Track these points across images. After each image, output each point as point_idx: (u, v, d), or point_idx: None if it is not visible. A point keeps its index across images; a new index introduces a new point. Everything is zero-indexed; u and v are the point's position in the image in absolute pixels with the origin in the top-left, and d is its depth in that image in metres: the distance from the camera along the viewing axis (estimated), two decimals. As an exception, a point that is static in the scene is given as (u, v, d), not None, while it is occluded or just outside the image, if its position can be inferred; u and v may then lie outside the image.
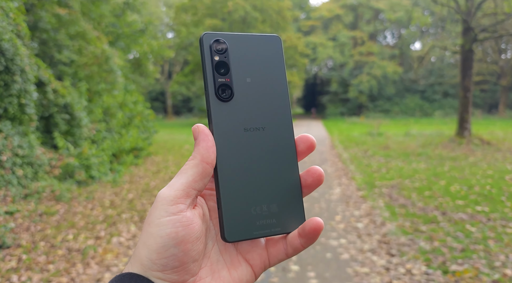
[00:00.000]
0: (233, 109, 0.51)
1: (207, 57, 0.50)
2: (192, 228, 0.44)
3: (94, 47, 9.53)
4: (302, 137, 0.53)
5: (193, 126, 0.49)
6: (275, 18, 30.93)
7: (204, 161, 0.46)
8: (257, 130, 0.51)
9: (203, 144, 0.47)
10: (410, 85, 42.41)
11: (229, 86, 0.51)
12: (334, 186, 7.27)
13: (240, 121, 0.51)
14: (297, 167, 0.53)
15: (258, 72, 0.53)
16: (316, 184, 0.53)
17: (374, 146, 13.41)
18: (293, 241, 0.50)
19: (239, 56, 0.52)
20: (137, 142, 9.84)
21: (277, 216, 0.51)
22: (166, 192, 0.45)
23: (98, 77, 9.66)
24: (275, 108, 0.53)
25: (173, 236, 0.43)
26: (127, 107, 9.83)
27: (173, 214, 0.44)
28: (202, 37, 0.51)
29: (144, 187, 7.33)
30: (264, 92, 0.53)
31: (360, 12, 43.22)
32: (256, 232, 0.49)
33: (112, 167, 8.46)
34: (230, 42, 0.52)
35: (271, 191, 0.51)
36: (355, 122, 30.51)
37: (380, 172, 8.55)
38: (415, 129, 18.89)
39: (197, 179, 0.46)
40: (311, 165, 9.14)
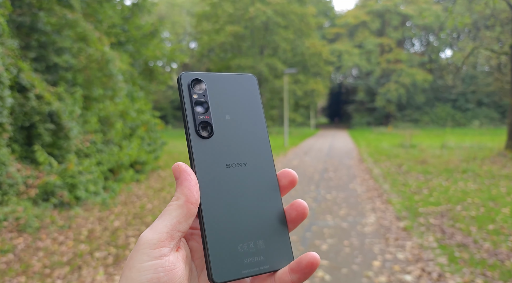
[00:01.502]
0: (214, 146, 0.50)
1: (185, 95, 0.51)
2: (175, 273, 0.42)
3: (94, 49, 8.54)
4: (284, 172, 0.52)
5: (173, 165, 0.47)
6: (298, 24, 29.73)
7: (189, 202, 0.45)
8: (239, 166, 0.51)
9: (185, 184, 0.46)
10: (441, 94, 40.27)
11: (209, 123, 0.51)
12: (367, 213, 5.89)
13: (222, 158, 0.50)
14: (280, 202, 0.52)
15: (237, 110, 0.54)
16: (301, 218, 0.51)
17: (409, 160, 11.87)
18: (283, 277, 0.47)
19: (217, 94, 0.53)
20: (139, 155, 8.73)
21: (264, 253, 0.49)
22: (149, 235, 0.43)
23: (98, 82, 8.65)
24: (255, 144, 0.53)
25: (154, 282, 0.41)
26: (129, 116, 8.77)
27: (155, 259, 0.42)
28: (180, 77, 0.52)
29: (138, 211, 6.16)
30: (244, 128, 0.53)
31: (387, 19, 41.54)
32: (245, 271, 0.47)
33: (107, 185, 7.35)
34: (207, 81, 0.53)
35: (257, 227, 0.49)
36: (383, 132, 28.77)
37: (422, 194, 7.10)
38: (452, 140, 17.15)
39: (182, 221, 0.44)
40: (338, 182, 7.74)
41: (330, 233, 4.92)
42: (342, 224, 5.33)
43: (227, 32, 28.85)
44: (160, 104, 43.37)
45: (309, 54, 30.80)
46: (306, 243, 4.59)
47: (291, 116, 29.84)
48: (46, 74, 8.38)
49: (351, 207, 6.27)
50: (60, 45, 8.44)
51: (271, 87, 28.09)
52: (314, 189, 7.87)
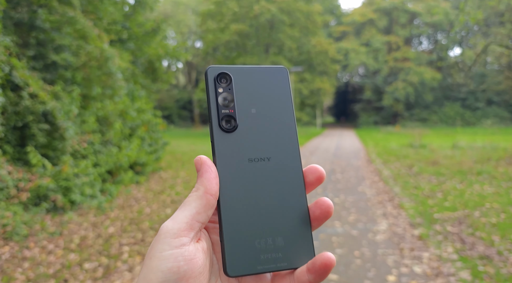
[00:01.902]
0: (237, 140, 0.50)
1: (211, 89, 0.51)
2: (195, 262, 0.43)
3: (93, 46, 8.24)
4: (311, 168, 0.51)
5: (196, 157, 0.48)
6: (304, 22, 29.31)
7: (208, 193, 0.46)
8: (262, 161, 0.50)
9: (206, 176, 0.46)
10: (450, 92, 39.63)
11: (233, 117, 0.51)
12: (379, 219, 5.51)
13: (244, 152, 0.50)
14: (305, 198, 0.51)
15: (264, 103, 0.53)
16: (325, 217, 0.49)
17: (419, 161, 11.45)
18: (301, 277, 0.47)
19: (244, 87, 0.53)
20: (138, 156, 8.41)
21: (283, 250, 0.48)
22: (169, 225, 0.44)
23: (97, 81, 8.35)
24: (281, 139, 0.52)
25: (174, 271, 0.41)
26: (128, 115, 8.45)
27: (175, 248, 0.42)
28: (207, 71, 0.52)
29: (134, 216, 5.83)
30: (270, 122, 0.52)
31: (395, 16, 40.96)
32: (260, 267, 0.47)
33: (104, 188, 7.04)
34: (235, 74, 0.53)
35: (276, 223, 0.49)
36: (390, 132, 28.27)
37: (435, 198, 6.70)
38: (463, 140, 16.67)
39: (201, 211, 0.45)
40: (346, 184, 7.37)
41: (339, 242, 4.55)
42: (352, 231, 4.96)
43: (232, 31, 28.52)
44: (165, 103, 43.16)
45: (315, 52, 30.38)
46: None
47: (297, 115, 29.46)
48: (44, 73, 8.10)
49: (361, 212, 5.90)
50: (59, 43, 8.16)
51: (276, 86, 27.73)
52: (321, 192, 7.51)
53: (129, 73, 9.32)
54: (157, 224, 5.35)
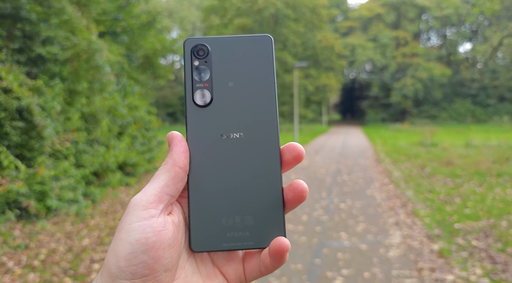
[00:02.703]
0: (210, 115, 0.49)
1: (187, 62, 0.49)
2: (163, 234, 0.42)
3: (80, 38, 7.63)
4: (289, 146, 0.49)
5: (168, 133, 0.47)
6: (309, 16, 28.53)
7: (176, 165, 0.45)
8: (235, 137, 0.49)
9: (175, 149, 0.46)
10: (460, 89, 38.64)
11: (207, 90, 0.49)
12: (391, 229, 4.84)
13: (217, 127, 0.48)
14: (280, 178, 0.48)
15: (243, 76, 0.50)
16: (298, 201, 0.47)
17: (432, 161, 10.73)
18: (264, 259, 0.46)
19: (222, 59, 0.50)
20: (128, 156, 7.79)
21: (251, 229, 0.47)
22: (138, 198, 0.43)
23: (85, 75, 7.74)
24: (258, 114, 0.49)
25: (142, 242, 0.40)
26: (117, 112, 7.83)
27: (144, 220, 0.41)
28: (184, 43, 0.50)
29: (116, 224, 5.21)
30: (247, 96, 0.49)
31: (403, 11, 39.99)
32: (226, 244, 0.47)
33: (88, 191, 6.44)
34: (213, 46, 0.50)
35: (246, 202, 0.48)
36: (399, 129, 27.46)
37: (453, 203, 6.01)
38: (476, 138, 15.87)
39: (169, 184, 0.44)
40: (353, 187, 6.67)
41: (346, 260, 3.89)
42: (360, 245, 4.30)
43: (235, 26, 27.83)
44: (169, 100, 42.62)
45: (320, 47, 29.59)
46: (315, 274, 3.58)
47: (302, 112, 28.71)
48: (30, 67, 7.53)
49: (371, 221, 5.23)
50: (45, 35, 7.56)
51: (281, 82, 26.99)
52: (325, 196, 6.84)
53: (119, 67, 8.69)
54: (138, 235, 4.72)
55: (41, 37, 7.80)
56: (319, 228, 4.91)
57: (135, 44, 11.62)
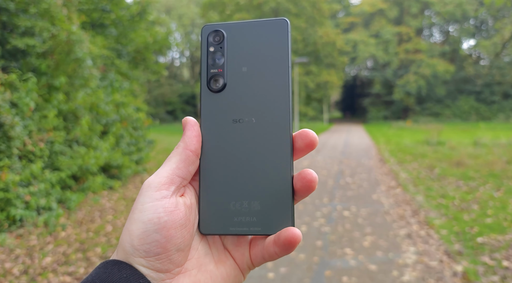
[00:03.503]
0: (223, 100, 0.49)
1: (203, 48, 0.50)
2: (175, 214, 0.43)
3: (59, 28, 6.97)
4: (301, 133, 0.48)
5: (183, 118, 0.48)
6: (310, 11, 27.81)
7: (187, 149, 0.46)
8: (247, 122, 0.48)
9: (187, 133, 0.47)
10: (464, 86, 37.90)
11: (221, 76, 0.49)
12: (404, 244, 4.18)
13: (229, 112, 0.48)
14: (290, 165, 0.47)
15: (257, 61, 0.49)
16: (307, 191, 0.46)
17: (440, 161, 10.07)
18: (268, 247, 0.46)
19: (237, 45, 0.50)
20: (113, 158, 7.14)
21: (258, 215, 0.47)
22: (151, 179, 0.44)
23: (66, 69, 7.09)
24: (271, 99, 0.49)
25: (155, 222, 0.42)
26: (100, 109, 7.18)
27: (156, 200, 0.43)
28: (202, 30, 0.50)
29: (90, 236, 4.57)
30: (261, 81, 0.49)
31: (406, 6, 39.21)
32: (233, 229, 0.47)
33: (64, 197, 5.80)
34: (229, 32, 0.50)
35: (255, 187, 0.47)
36: (402, 127, 26.77)
37: (471, 211, 5.36)
38: (484, 136, 15.18)
39: (181, 166, 0.45)
40: (357, 191, 5.87)
41: (353, 286, 3.25)
42: (369, 265, 3.65)
43: (234, 20, 27.13)
44: (168, 98, 41.99)
45: (322, 43, 28.87)
46: (316, 306, 2.93)
47: (302, 110, 28.03)
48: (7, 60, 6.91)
49: (379, 233, 4.58)
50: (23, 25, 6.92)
51: (281, 79, 26.30)
52: (327, 202, 6.19)
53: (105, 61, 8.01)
54: (110, 252, 4.08)
55: (21, 29, 7.16)
56: (320, 243, 4.26)
57: (125, 37, 10.96)
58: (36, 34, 6.98)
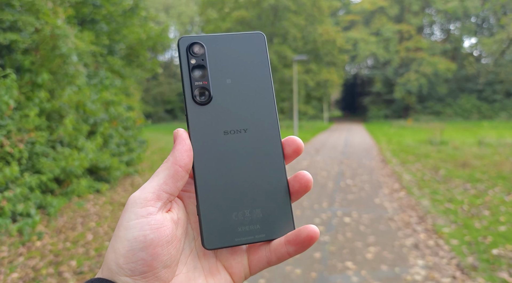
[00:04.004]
0: (211, 112, 0.49)
1: (183, 61, 0.50)
2: (162, 231, 0.42)
3: (44, 22, 6.58)
4: (288, 140, 0.50)
5: (174, 130, 0.47)
6: (309, 8, 27.38)
7: (177, 164, 0.44)
8: (238, 133, 0.49)
9: (178, 147, 0.45)
10: (465, 84, 37.49)
11: (207, 88, 0.49)
12: (411, 256, 3.79)
13: (219, 124, 0.49)
14: (284, 170, 0.49)
15: (240, 73, 0.51)
16: (304, 191, 0.49)
17: (445, 162, 9.67)
18: (278, 248, 0.46)
19: (218, 57, 0.51)
20: (100, 159, 6.75)
21: (261, 222, 0.48)
22: (136, 195, 0.43)
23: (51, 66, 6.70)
24: (258, 109, 0.50)
25: (140, 240, 0.41)
26: (87, 108, 6.79)
27: (142, 217, 0.42)
28: (178, 41, 0.50)
29: (67, 247, 4.18)
30: (246, 92, 0.50)
31: (406, 3, 38.77)
32: (238, 239, 0.47)
33: (45, 202, 5.40)
34: (208, 44, 0.51)
35: (254, 195, 0.48)
36: (403, 126, 26.38)
37: (482, 217, 4.97)
38: (488, 136, 14.78)
39: (168, 182, 0.44)
40: (358, 194, 5.54)
41: (355, 308, 2.85)
42: (373, 282, 3.25)
43: (233, 18, 26.71)
44: (167, 97, 41.59)
45: (321, 41, 28.45)
46: None
47: (302, 108, 27.62)
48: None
49: (383, 243, 4.19)
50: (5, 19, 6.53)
51: (280, 77, 25.87)
52: (326, 206, 5.80)
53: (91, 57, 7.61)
54: (86, 266, 3.68)
55: (6, 24, 6.77)
56: (318, 255, 3.87)
57: (117, 34, 10.56)
58: (20, 29, 6.59)
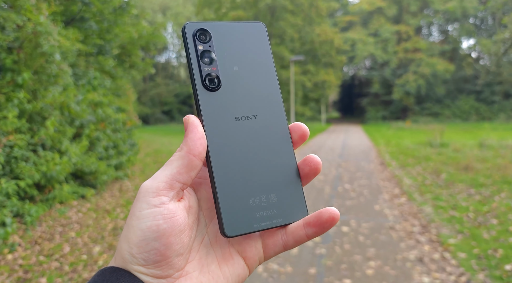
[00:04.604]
0: (222, 99, 0.49)
1: (191, 46, 0.49)
2: (174, 220, 0.41)
3: (26, 19, 6.23)
4: (294, 126, 0.51)
5: (184, 117, 0.46)
6: (307, 9, 27.09)
7: (191, 153, 0.44)
8: (248, 119, 0.49)
9: (191, 136, 0.45)
10: (463, 85, 37.29)
11: (216, 75, 0.49)
12: (414, 272, 3.46)
13: (230, 110, 0.49)
14: (293, 155, 0.50)
15: (245, 60, 0.51)
16: (314, 174, 0.49)
17: (446, 165, 9.36)
18: (297, 231, 0.47)
19: (223, 44, 0.50)
20: (85, 163, 6.39)
21: (277, 207, 0.48)
22: (148, 184, 0.43)
23: (31, 64, 6.35)
24: (265, 96, 0.51)
25: (154, 229, 0.40)
26: (71, 109, 6.44)
27: (154, 206, 0.41)
28: (184, 27, 0.50)
29: (40, 261, 3.83)
30: (253, 79, 0.51)
31: (405, 4, 38.56)
32: (257, 225, 0.46)
33: (21, 210, 5.05)
34: (213, 31, 0.50)
35: (268, 180, 0.48)
36: (401, 128, 26.09)
37: (490, 226, 4.64)
38: (489, 137, 14.49)
39: (182, 172, 0.43)
40: (357, 200, 5.28)
41: None
42: (375, 304, 2.92)
43: (230, 18, 26.38)
44: (164, 98, 41.26)
45: (319, 42, 28.16)
46: None
47: (300, 110, 27.31)
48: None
49: (385, 256, 3.86)
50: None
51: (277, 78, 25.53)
52: (324, 214, 5.46)
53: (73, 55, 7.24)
54: (56, 284, 3.34)
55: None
56: (314, 271, 3.53)
57: (109, 33, 10.22)
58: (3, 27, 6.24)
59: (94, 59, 9.87)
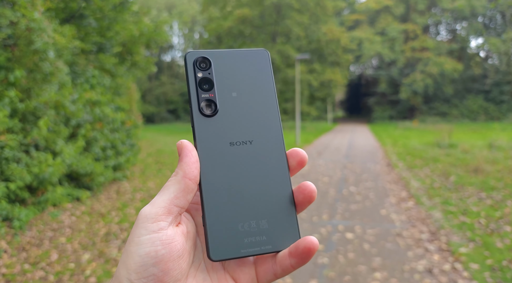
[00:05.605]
0: (217, 124, 0.49)
1: (190, 74, 0.50)
2: (173, 246, 0.42)
3: (20, 15, 6.04)
4: (292, 152, 0.50)
5: (178, 142, 0.47)
6: (313, 8, 26.76)
7: (187, 177, 0.45)
8: (243, 144, 0.50)
9: (185, 160, 0.46)
10: (472, 85, 36.73)
11: (213, 101, 0.50)
12: (423, 285, 3.19)
13: (225, 136, 0.49)
14: (289, 181, 0.50)
15: (245, 87, 0.52)
16: (308, 202, 0.49)
17: (455, 167, 9.04)
18: (283, 261, 0.46)
19: (224, 71, 0.52)
20: (80, 164, 6.19)
21: (267, 233, 0.47)
22: (147, 210, 0.43)
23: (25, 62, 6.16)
24: (263, 122, 0.51)
25: (152, 255, 0.41)
26: (67, 108, 6.24)
27: (153, 232, 0.42)
28: (186, 56, 0.51)
29: (23, 270, 3.62)
30: (252, 106, 0.51)
31: (412, 3, 38.05)
32: (244, 251, 0.46)
33: (11, 213, 4.85)
34: (214, 59, 0.52)
35: (260, 206, 0.48)
36: (409, 128, 25.69)
37: (503, 234, 4.36)
38: (499, 138, 14.11)
39: (179, 196, 0.44)
40: (362, 204, 5.01)
41: None
42: (380, 323, 2.66)
43: (235, 17, 26.16)
44: (170, 97, 41.16)
45: (326, 40, 27.81)
46: None
47: (306, 109, 27.00)
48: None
49: (391, 267, 3.59)
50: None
51: (283, 77, 25.26)
52: (327, 219, 5.20)
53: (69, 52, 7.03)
54: (37, 296, 3.12)
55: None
56: (315, 282, 3.28)
57: (109, 30, 10.02)
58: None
59: (95, 57, 9.68)
